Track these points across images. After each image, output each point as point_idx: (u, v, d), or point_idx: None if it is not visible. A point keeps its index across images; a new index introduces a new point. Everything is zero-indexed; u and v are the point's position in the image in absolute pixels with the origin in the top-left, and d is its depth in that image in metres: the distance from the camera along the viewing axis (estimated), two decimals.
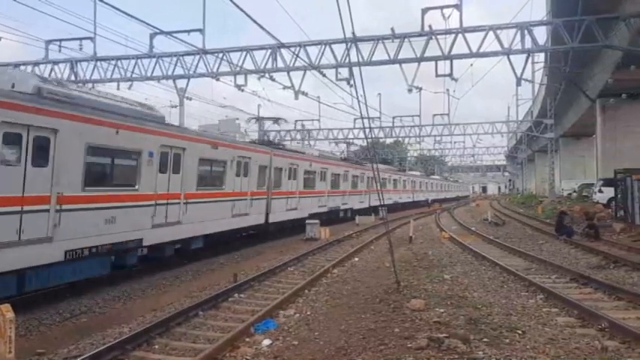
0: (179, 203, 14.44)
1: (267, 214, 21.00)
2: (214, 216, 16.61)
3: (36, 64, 24.49)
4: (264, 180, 20.79)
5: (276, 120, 25.64)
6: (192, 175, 15.26)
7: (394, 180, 47.40)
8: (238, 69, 22.07)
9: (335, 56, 20.83)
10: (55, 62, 24.31)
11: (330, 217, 29.08)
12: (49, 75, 24.00)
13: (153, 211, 13.25)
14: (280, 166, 22.49)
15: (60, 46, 23.77)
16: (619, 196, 25.39)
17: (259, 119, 24.02)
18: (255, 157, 19.85)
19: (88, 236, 11.08)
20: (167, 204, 13.84)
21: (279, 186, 22.37)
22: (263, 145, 22.88)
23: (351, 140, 47.37)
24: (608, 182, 29.60)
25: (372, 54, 20.57)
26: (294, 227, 23.88)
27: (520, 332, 7.53)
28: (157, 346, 7.57)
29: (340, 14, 9.51)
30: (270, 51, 21.56)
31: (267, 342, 7.57)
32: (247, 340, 7.75)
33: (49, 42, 24.21)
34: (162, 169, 13.73)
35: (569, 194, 45.88)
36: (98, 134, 11.47)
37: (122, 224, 12.09)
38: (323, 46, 20.95)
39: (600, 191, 32.91)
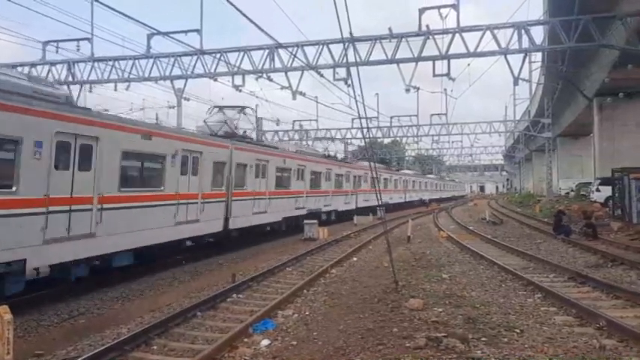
0: (91, 210, 11.38)
1: (226, 220, 17.85)
2: (148, 225, 13.42)
3: (33, 65, 24.47)
4: (222, 179, 17.74)
5: (241, 109, 23.33)
6: (113, 174, 12.16)
7: (384, 179, 43.67)
8: (236, 69, 22.07)
9: (332, 56, 20.86)
10: (53, 63, 24.28)
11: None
12: (47, 76, 23.97)
13: (43, 221, 10.11)
14: (244, 163, 19.31)
15: (57, 47, 23.74)
16: (616, 195, 25.47)
17: (221, 108, 22.62)
18: (209, 152, 16.68)
19: None
20: (70, 211, 10.75)
21: (243, 186, 19.25)
22: (220, 138, 19.22)
23: (349, 140, 47.45)
24: (605, 181, 29.69)
25: (370, 54, 20.62)
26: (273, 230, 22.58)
27: (518, 331, 7.55)
28: (155, 347, 7.57)
29: (337, 14, 9.53)
30: (267, 51, 21.58)
31: (265, 342, 7.57)
32: (246, 340, 7.75)
33: (46, 43, 24.19)
34: (59, 165, 10.64)
35: (567, 193, 45.99)
36: None
37: None
38: (320, 47, 20.97)
39: (598, 190, 32.97)
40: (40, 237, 10.05)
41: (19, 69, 23.99)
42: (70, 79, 24.05)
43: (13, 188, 9.59)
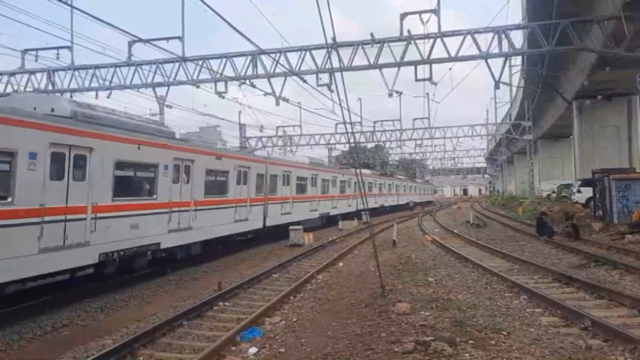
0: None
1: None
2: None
3: (12, 74, 24.11)
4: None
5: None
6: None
7: (312, 178, 29.73)
8: (218, 76, 21.99)
9: (315, 62, 20.90)
10: (32, 72, 23.95)
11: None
12: (26, 85, 23.65)
13: None
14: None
15: (36, 56, 23.43)
16: (597, 195, 25.82)
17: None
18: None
19: None
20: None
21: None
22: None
23: (332, 146, 47.49)
24: (586, 182, 30.07)
25: (352, 59, 20.70)
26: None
27: (505, 333, 7.59)
28: (141, 358, 7.46)
29: (322, 20, 9.54)
30: (250, 58, 21.55)
31: (253, 350, 7.52)
32: (233, 348, 7.69)
33: (25, 51, 23.85)
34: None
35: (549, 195, 46.52)
36: None
37: None
38: (303, 52, 21.00)
39: (579, 191, 33.39)
40: None
41: None
42: (50, 87, 23.74)
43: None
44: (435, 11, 19.81)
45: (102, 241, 11.83)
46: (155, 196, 14.12)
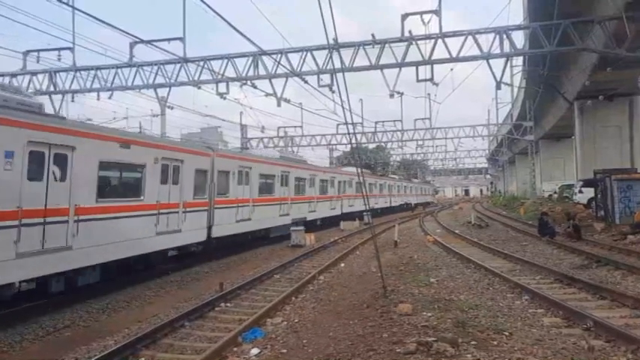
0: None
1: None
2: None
3: (14, 75, 24.13)
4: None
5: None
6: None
7: (283, 176, 24.96)
8: (220, 77, 22.00)
9: (316, 63, 20.88)
10: (34, 73, 23.98)
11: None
12: (27, 86, 23.67)
13: None
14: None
15: (38, 57, 23.45)
16: (599, 196, 25.78)
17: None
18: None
19: None
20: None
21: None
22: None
23: (334, 146, 47.45)
24: (587, 183, 30.04)
25: (354, 60, 20.69)
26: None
27: (507, 334, 7.57)
28: (143, 359, 7.47)
29: (323, 20, 9.53)
30: (251, 58, 21.55)
31: (255, 351, 7.52)
32: (235, 349, 7.69)
33: (26, 53, 23.87)
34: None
35: (550, 195, 46.47)
36: None
37: None
38: (304, 53, 20.99)
39: (580, 192, 33.34)
40: None
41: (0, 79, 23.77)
42: (52, 88, 23.75)
43: None
44: (436, 12, 19.80)
45: None
46: None
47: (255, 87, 22.23)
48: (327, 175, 32.92)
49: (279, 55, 21.12)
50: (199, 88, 22.83)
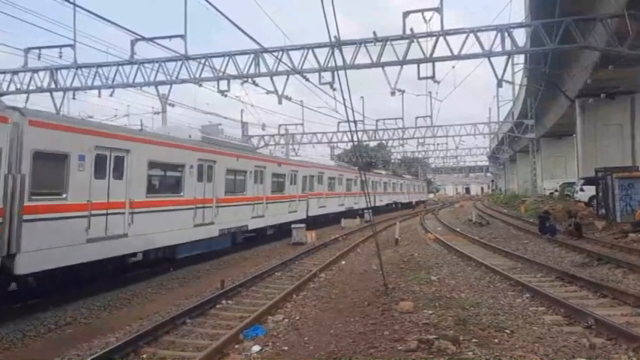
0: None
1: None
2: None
3: (15, 72, 24.12)
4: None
5: None
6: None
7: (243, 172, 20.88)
8: (221, 74, 21.95)
9: (318, 60, 20.83)
10: (35, 70, 23.96)
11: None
12: (29, 83, 23.67)
13: None
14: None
15: (39, 54, 23.43)
16: (600, 194, 25.76)
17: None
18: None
19: None
20: None
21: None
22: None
23: (335, 144, 47.41)
24: (589, 181, 30.02)
25: (355, 58, 20.64)
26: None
27: (508, 332, 7.57)
28: (144, 356, 7.48)
29: (325, 18, 9.51)
30: (252, 56, 21.48)
31: (256, 348, 7.53)
32: (236, 346, 7.70)
33: (27, 50, 23.85)
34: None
35: (551, 193, 46.43)
36: None
37: None
38: (306, 51, 20.94)
39: (582, 190, 33.29)
40: None
41: (1, 76, 23.79)
42: (53, 86, 23.74)
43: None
44: (438, 9, 19.73)
45: None
46: None
47: (257, 84, 22.18)
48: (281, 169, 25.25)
49: (281, 53, 21.06)
50: (200, 85, 22.77)
